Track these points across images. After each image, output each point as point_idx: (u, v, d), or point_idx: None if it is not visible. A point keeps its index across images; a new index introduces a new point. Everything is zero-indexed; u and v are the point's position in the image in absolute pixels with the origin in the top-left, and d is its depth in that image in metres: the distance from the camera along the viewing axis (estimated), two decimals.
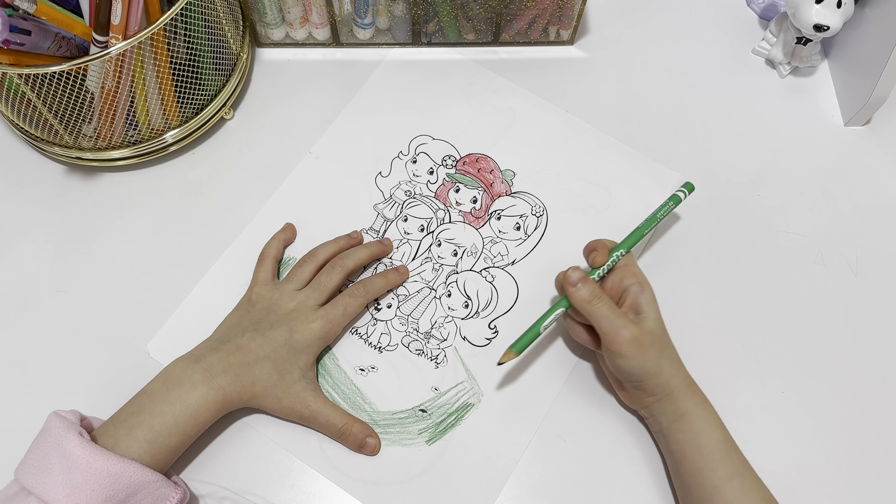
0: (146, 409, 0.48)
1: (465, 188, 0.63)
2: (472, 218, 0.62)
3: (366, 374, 0.56)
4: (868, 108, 0.65)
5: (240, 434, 0.53)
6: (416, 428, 0.54)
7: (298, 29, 0.68)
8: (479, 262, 0.60)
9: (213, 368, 0.50)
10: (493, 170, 0.64)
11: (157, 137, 0.62)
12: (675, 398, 0.50)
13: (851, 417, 0.55)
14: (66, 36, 0.56)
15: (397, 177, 0.64)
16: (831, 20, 0.62)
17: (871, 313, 0.59)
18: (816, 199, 0.64)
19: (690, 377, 0.51)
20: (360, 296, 0.55)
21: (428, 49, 0.70)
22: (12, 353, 0.56)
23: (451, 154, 0.65)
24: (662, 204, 0.57)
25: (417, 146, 0.65)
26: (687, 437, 0.49)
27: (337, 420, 0.52)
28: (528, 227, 0.62)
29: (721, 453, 0.48)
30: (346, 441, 0.52)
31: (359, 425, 0.52)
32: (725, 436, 0.49)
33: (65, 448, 0.43)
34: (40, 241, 0.61)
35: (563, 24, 0.69)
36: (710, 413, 0.50)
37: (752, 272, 0.61)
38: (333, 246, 0.58)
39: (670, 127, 0.67)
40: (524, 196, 0.63)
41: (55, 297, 0.58)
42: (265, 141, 0.65)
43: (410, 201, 0.62)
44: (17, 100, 0.57)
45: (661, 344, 0.50)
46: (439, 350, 0.57)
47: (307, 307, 0.54)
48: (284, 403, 0.51)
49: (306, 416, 0.52)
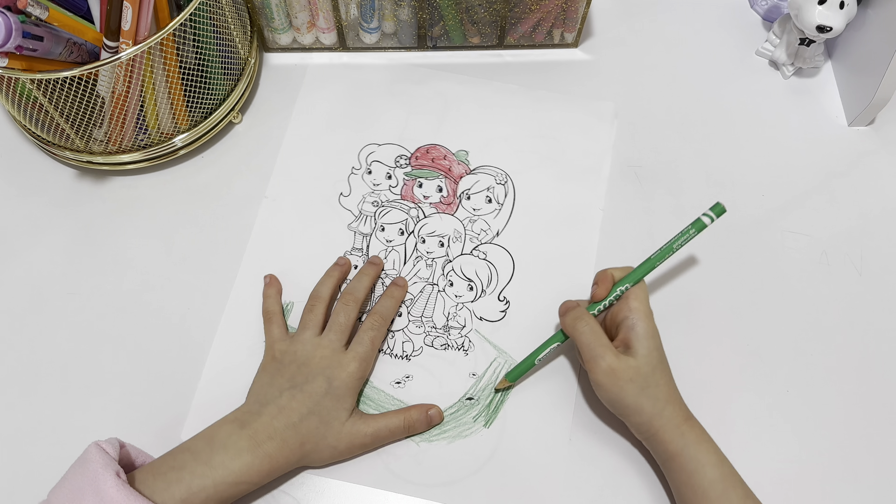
0: (187, 467, 0.47)
1: (427, 181, 0.64)
2: (444, 206, 0.63)
3: (403, 385, 0.56)
4: (871, 108, 0.65)
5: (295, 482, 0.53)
6: (469, 417, 0.55)
7: (305, 34, 0.69)
8: (467, 244, 0.62)
9: (259, 436, 0.49)
10: (446, 155, 0.65)
11: (167, 141, 0.62)
12: (661, 439, 0.50)
13: (856, 417, 0.55)
14: (77, 41, 0.57)
15: (359, 191, 0.64)
16: (834, 21, 0.62)
17: (876, 313, 0.59)
18: (821, 199, 0.64)
19: (684, 414, 0.50)
20: (380, 326, 0.55)
21: (433, 53, 0.71)
22: (24, 355, 0.56)
23: (402, 153, 0.66)
24: (682, 231, 0.54)
25: (367, 156, 0.66)
26: (680, 477, 0.49)
27: (396, 423, 0.52)
28: (498, 196, 0.64)
29: (717, 494, 0.47)
30: (416, 429, 0.53)
31: (415, 411, 0.53)
32: (722, 474, 0.48)
33: (100, 487, 0.43)
34: (51, 244, 0.61)
35: (567, 26, 0.69)
36: (702, 453, 0.49)
37: (757, 272, 0.61)
38: (330, 281, 0.58)
39: (674, 129, 0.68)
40: (484, 170, 0.65)
41: (66, 299, 0.59)
42: (273, 144, 0.66)
43: (381, 210, 0.63)
44: (29, 104, 0.58)
45: (644, 381, 0.49)
46: (462, 338, 0.58)
47: (335, 351, 0.53)
48: (343, 447, 0.51)
49: (368, 443, 0.52)
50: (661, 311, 0.58)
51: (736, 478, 0.48)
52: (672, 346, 0.52)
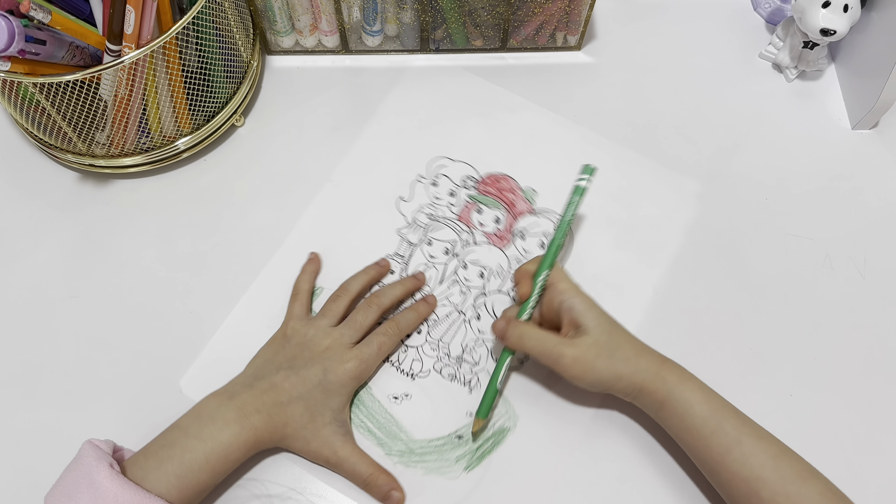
0: (178, 443, 0.47)
1: (488, 209, 0.63)
2: (497, 238, 0.62)
3: (399, 402, 0.55)
4: (875, 111, 0.65)
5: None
6: (453, 455, 0.53)
7: (308, 36, 0.69)
8: (506, 283, 0.60)
9: (247, 407, 0.49)
10: (514, 189, 0.64)
11: (169, 144, 0.62)
12: (647, 392, 0.50)
13: (860, 420, 0.55)
14: (80, 45, 0.57)
15: (419, 200, 0.63)
16: (838, 24, 0.62)
17: (880, 316, 0.59)
18: (824, 202, 0.64)
19: (659, 360, 0.50)
20: (394, 335, 0.55)
21: (436, 56, 0.71)
22: (26, 358, 0.56)
23: (472, 175, 0.64)
24: (567, 202, 0.55)
25: (437, 168, 0.65)
26: (674, 422, 0.49)
27: (363, 469, 0.51)
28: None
29: (711, 429, 0.48)
30: (371, 491, 0.51)
31: (385, 477, 0.51)
32: (711, 408, 0.48)
33: (94, 479, 0.44)
34: (53, 246, 0.61)
35: (570, 29, 0.69)
36: (688, 391, 0.49)
37: (760, 275, 0.61)
38: (364, 277, 0.58)
39: (677, 131, 0.67)
40: (547, 214, 0.63)
41: (68, 302, 0.59)
42: (275, 147, 0.66)
43: (433, 225, 0.62)
44: (32, 108, 0.58)
45: (609, 350, 0.50)
46: (472, 375, 0.56)
47: (341, 345, 0.53)
48: (312, 447, 0.51)
49: (333, 462, 0.51)
50: (663, 312, 0.59)
51: (727, 409, 0.49)
52: (675, 349, 0.52)
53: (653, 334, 0.54)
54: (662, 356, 0.51)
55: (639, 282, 0.60)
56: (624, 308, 0.57)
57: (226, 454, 0.48)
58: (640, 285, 0.60)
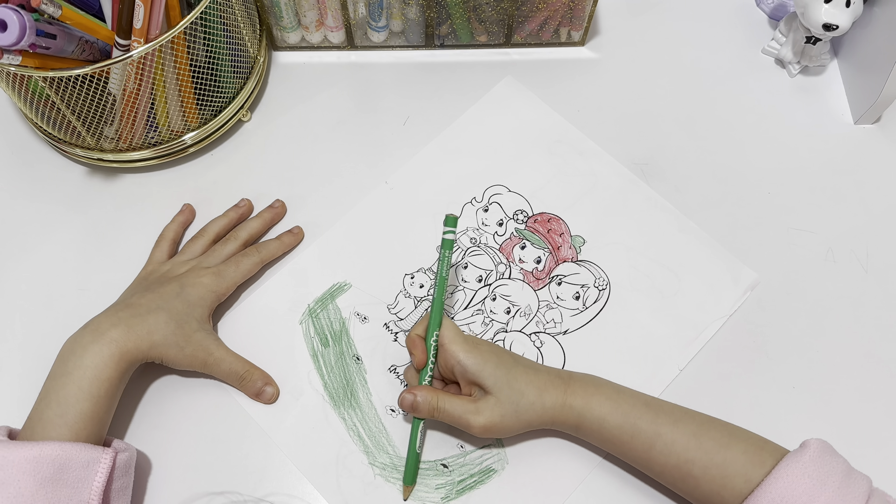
0: (50, 390, 0.48)
1: (532, 246, 0.61)
2: (533, 278, 0.60)
3: (395, 416, 0.55)
4: (878, 106, 0.65)
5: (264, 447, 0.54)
6: (434, 482, 0.52)
7: (314, 32, 0.69)
8: (531, 325, 0.58)
9: (101, 326, 0.50)
10: (564, 233, 0.62)
11: (177, 139, 0.63)
12: (559, 423, 0.51)
13: (861, 413, 0.56)
14: (89, 40, 0.57)
15: (466, 222, 0.62)
16: (840, 19, 0.63)
17: (882, 310, 0.60)
18: (826, 196, 0.65)
19: (562, 387, 0.50)
20: (253, 255, 0.57)
21: (440, 51, 0.71)
22: (36, 350, 0.57)
23: (524, 209, 0.63)
24: (440, 258, 0.52)
25: (492, 195, 0.64)
26: (593, 438, 0.51)
27: (239, 367, 0.53)
28: (588, 298, 0.59)
29: (629, 434, 0.49)
30: (246, 388, 0.54)
31: (259, 373, 0.54)
32: (624, 413, 0.49)
33: None
34: (62, 240, 0.62)
35: (574, 25, 0.70)
36: (596, 408, 0.49)
37: (763, 269, 0.61)
38: (223, 220, 0.60)
39: (681, 126, 0.68)
40: (590, 266, 0.61)
41: (78, 295, 0.59)
42: (282, 142, 0.67)
43: (474, 249, 0.61)
44: (41, 102, 0.59)
45: (513, 404, 0.49)
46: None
47: (200, 267, 0.55)
48: (187, 352, 0.52)
49: (210, 363, 0.53)
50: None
51: (637, 408, 0.49)
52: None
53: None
54: (564, 379, 0.51)
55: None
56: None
57: (97, 376, 0.48)
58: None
